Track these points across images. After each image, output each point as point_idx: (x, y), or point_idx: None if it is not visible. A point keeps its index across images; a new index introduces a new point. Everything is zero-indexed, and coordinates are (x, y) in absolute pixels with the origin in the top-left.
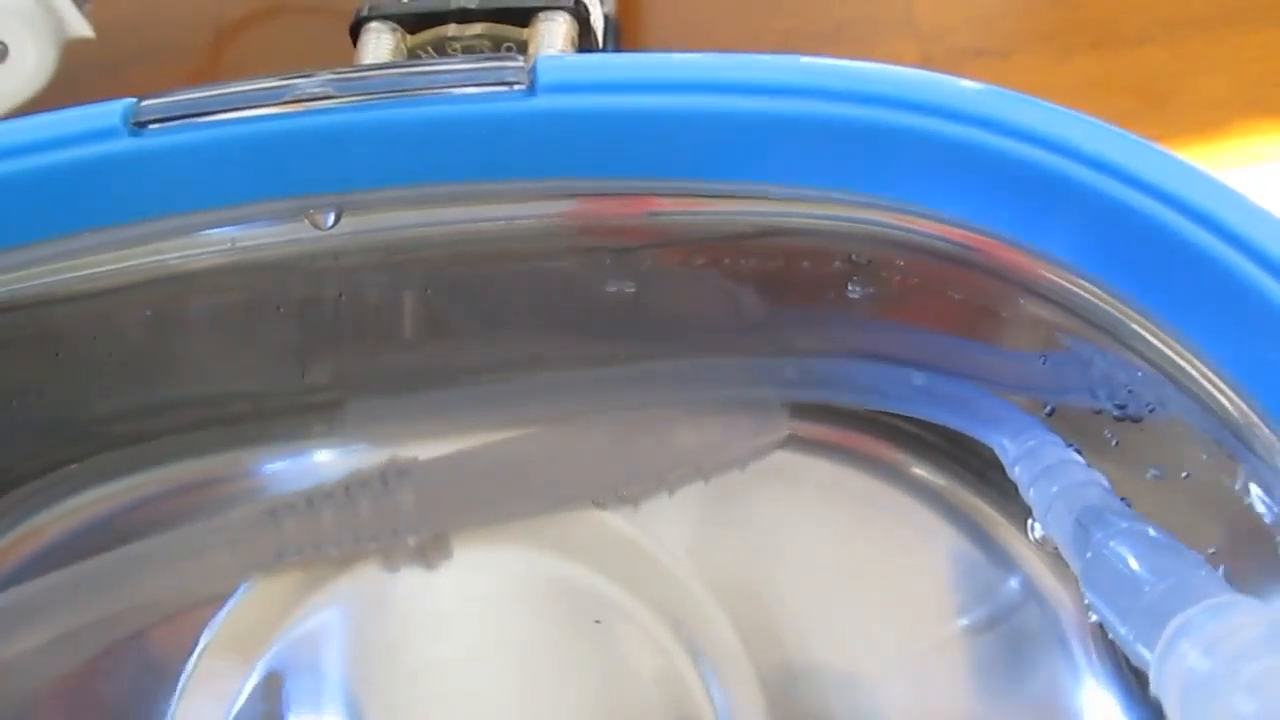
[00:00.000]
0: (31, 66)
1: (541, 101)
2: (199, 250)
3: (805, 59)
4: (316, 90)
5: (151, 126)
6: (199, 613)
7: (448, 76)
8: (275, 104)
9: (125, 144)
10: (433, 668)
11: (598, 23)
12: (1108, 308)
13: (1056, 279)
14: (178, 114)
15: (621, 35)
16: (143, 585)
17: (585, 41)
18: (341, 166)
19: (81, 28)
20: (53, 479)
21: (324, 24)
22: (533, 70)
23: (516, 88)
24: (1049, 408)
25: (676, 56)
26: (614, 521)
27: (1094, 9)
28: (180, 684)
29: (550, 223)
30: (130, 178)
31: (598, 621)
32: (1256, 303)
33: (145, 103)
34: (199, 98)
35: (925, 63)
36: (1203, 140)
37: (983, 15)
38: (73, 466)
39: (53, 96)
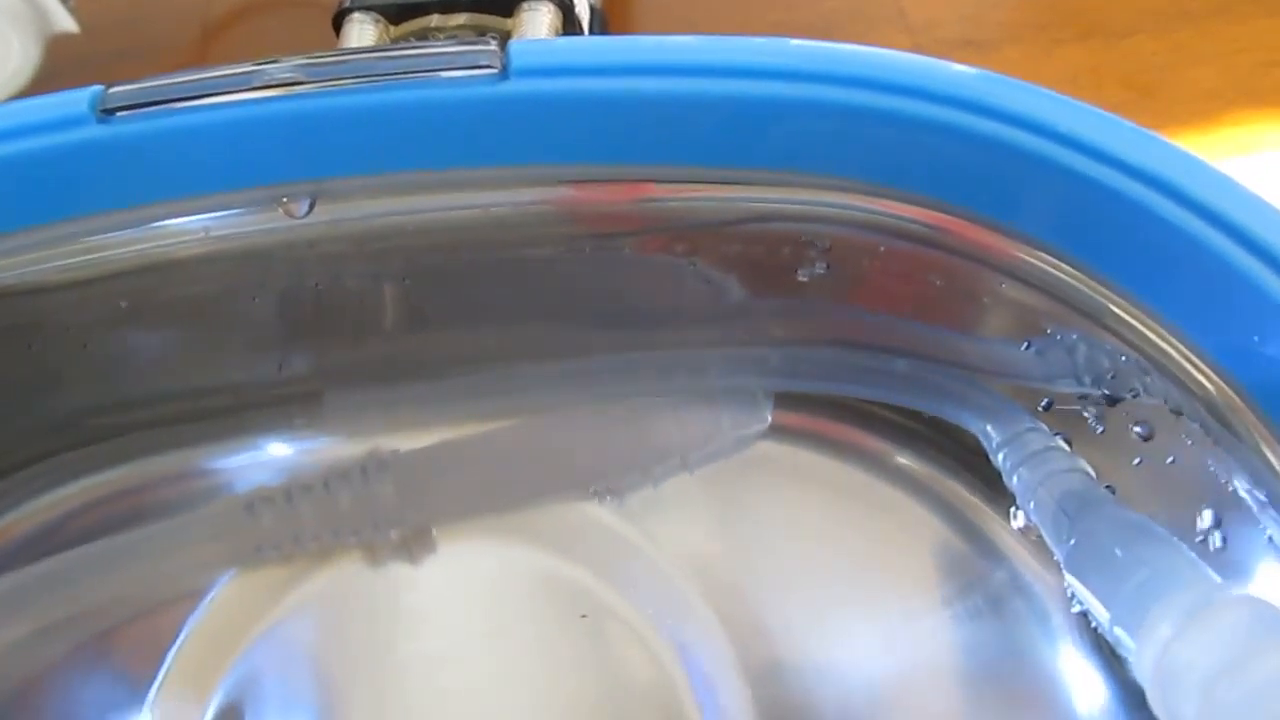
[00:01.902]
0: (15, 62)
1: (514, 85)
2: (172, 240)
3: (785, 40)
4: (286, 76)
5: (120, 114)
6: (178, 606)
7: (419, 61)
8: (245, 90)
9: (93, 131)
10: (416, 662)
11: (583, 13)
12: (1090, 292)
13: (1038, 263)
14: (146, 101)
15: (608, 26)
16: (121, 579)
17: (570, 31)
18: (314, 153)
19: (66, 23)
20: (30, 473)
21: (311, 17)
22: (505, 54)
23: (489, 72)
24: (1045, 401)
25: (651, 39)
26: (598, 514)
27: (1083, 0)
28: (160, 677)
29: (528, 210)
30: (100, 166)
31: (584, 615)
32: (1239, 285)
33: (113, 90)
34: (167, 84)
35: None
36: (1194, 130)
37: (973, 7)
38: (49, 461)
39: (37, 93)
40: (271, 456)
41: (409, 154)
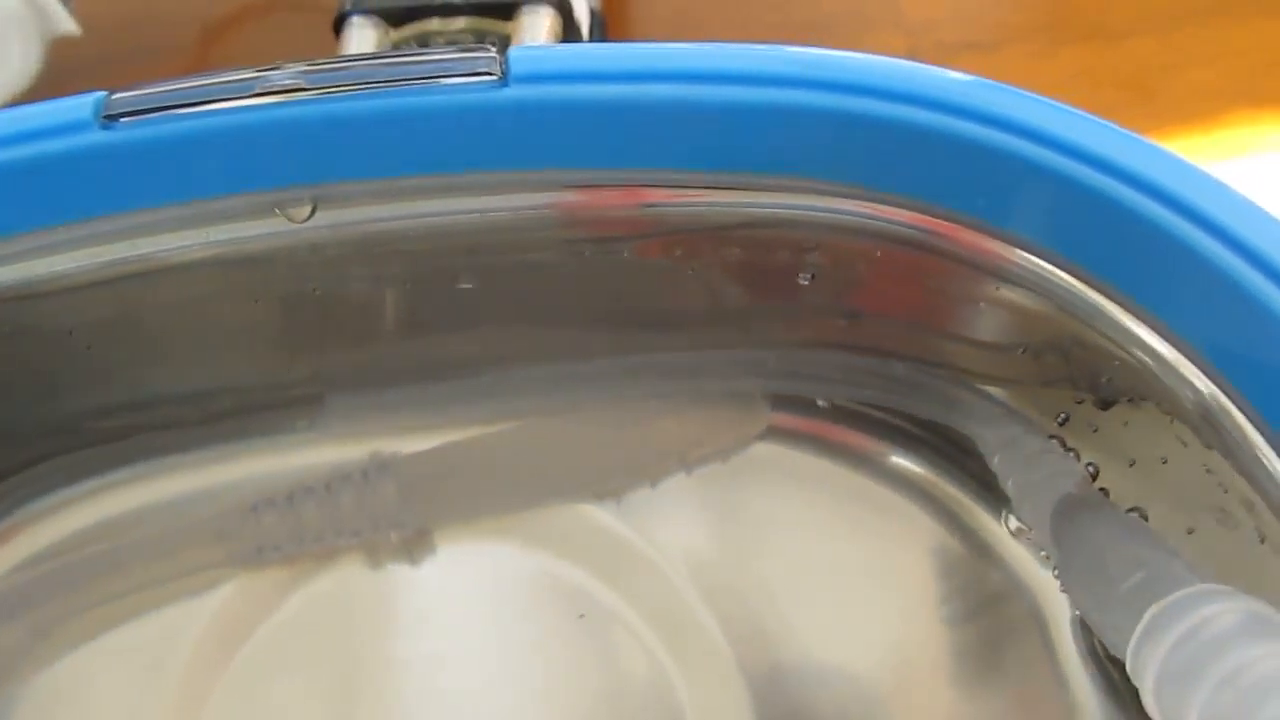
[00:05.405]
0: (17, 65)
1: (514, 92)
2: (174, 245)
3: (782, 48)
4: (288, 82)
5: (123, 120)
6: (179, 607)
7: (420, 68)
8: (247, 96)
9: (96, 137)
10: (416, 664)
11: (582, 17)
12: (1086, 296)
13: (1033, 268)
14: (149, 107)
15: (607, 30)
16: (123, 581)
17: (569, 35)
18: (315, 159)
19: (68, 25)
20: (31, 475)
21: (311, 22)
22: (505, 60)
23: (489, 78)
24: (1062, 416)
25: (651, 46)
26: (597, 515)
27: (1082, 1)
28: (161, 680)
29: (528, 215)
30: (102, 172)
31: (581, 616)
32: (1231, 289)
33: (116, 96)
34: (170, 90)
35: (912, 56)
36: (1193, 132)
37: (970, 8)
38: (51, 463)
39: (38, 95)
40: (274, 459)
41: (410, 159)
